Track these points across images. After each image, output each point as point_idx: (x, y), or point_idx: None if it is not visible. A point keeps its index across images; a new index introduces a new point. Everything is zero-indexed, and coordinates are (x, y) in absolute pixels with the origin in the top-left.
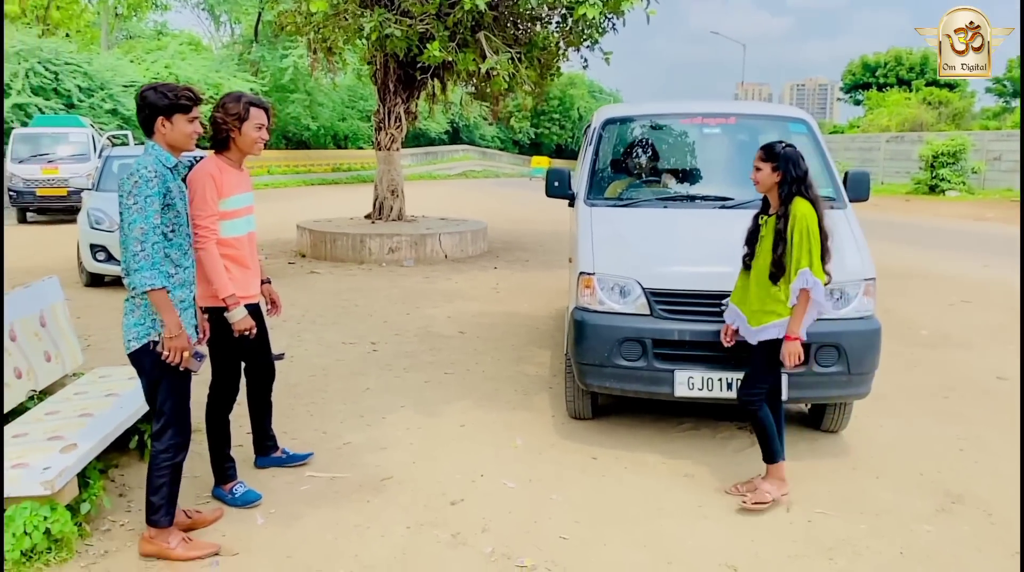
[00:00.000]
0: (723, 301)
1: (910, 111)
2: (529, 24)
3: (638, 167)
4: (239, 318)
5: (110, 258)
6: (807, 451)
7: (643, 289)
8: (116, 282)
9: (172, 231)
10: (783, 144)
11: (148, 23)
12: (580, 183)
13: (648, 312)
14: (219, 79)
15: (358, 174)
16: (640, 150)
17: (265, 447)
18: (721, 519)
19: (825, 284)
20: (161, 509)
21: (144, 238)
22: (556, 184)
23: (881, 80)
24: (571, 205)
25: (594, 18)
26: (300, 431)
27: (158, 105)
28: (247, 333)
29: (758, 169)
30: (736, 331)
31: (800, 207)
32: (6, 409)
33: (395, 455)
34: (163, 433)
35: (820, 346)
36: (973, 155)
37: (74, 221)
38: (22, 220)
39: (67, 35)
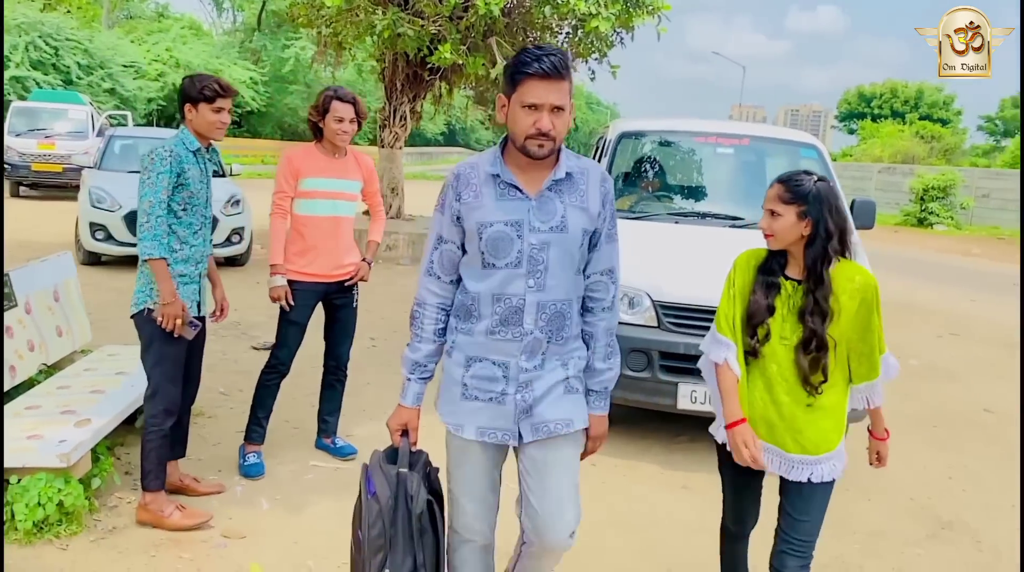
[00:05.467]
0: None
1: (903, 143)
2: (539, 33)
3: (651, 182)
4: (274, 285)
5: (109, 238)
6: None
7: (652, 301)
8: (114, 262)
9: (183, 210)
10: (814, 178)
11: (150, 4)
12: None
13: (656, 324)
14: (219, 65)
15: None
16: (653, 165)
17: (319, 429)
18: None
19: None
20: (150, 473)
21: (151, 211)
22: None
23: (876, 111)
24: None
25: (605, 32)
26: (303, 421)
27: (186, 93)
28: (280, 302)
29: (774, 213)
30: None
31: (858, 273)
32: (18, 380)
33: None
34: (152, 398)
35: None
36: (963, 191)
37: (67, 198)
38: (15, 194)
39: (68, 11)
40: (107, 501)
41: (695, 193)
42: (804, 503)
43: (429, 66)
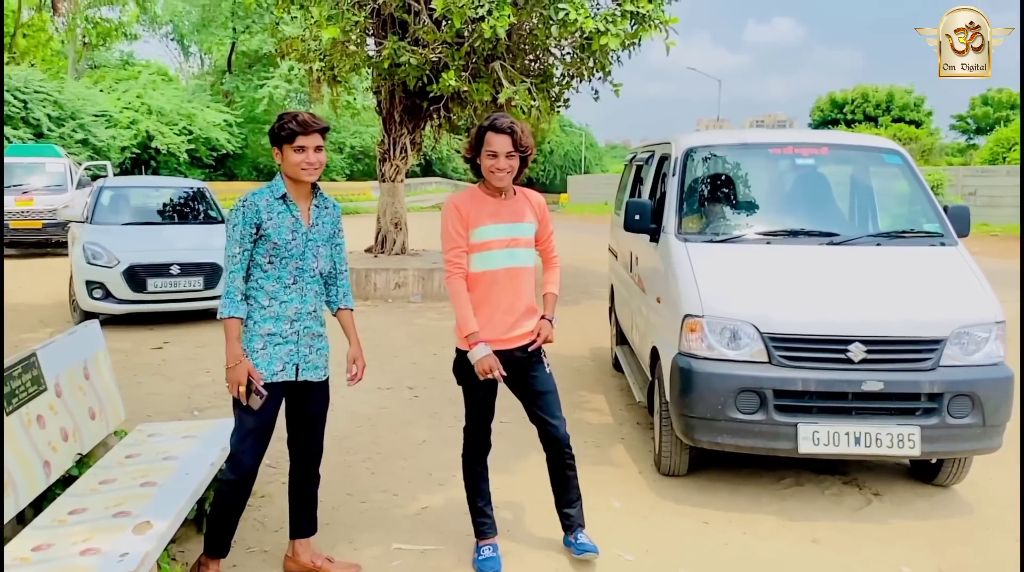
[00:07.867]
0: (848, 346)
1: None
2: (542, 54)
3: (728, 199)
4: (478, 357)
5: (108, 295)
6: (928, 509)
7: (760, 334)
8: (112, 321)
9: (269, 263)
10: None
11: (114, 53)
12: (667, 217)
13: (766, 359)
14: (192, 109)
15: None
16: (729, 182)
17: (562, 524)
18: None
19: None
20: (210, 540)
21: (227, 266)
22: (637, 217)
23: (849, 116)
24: (653, 240)
25: (614, 49)
26: (368, 493)
27: (270, 136)
28: (490, 375)
29: None
30: None
31: None
32: (53, 477)
33: None
34: (228, 460)
35: (954, 396)
36: (949, 190)
37: (49, 254)
38: None
39: (31, 64)
40: None
41: (780, 209)
42: None
43: (431, 95)
